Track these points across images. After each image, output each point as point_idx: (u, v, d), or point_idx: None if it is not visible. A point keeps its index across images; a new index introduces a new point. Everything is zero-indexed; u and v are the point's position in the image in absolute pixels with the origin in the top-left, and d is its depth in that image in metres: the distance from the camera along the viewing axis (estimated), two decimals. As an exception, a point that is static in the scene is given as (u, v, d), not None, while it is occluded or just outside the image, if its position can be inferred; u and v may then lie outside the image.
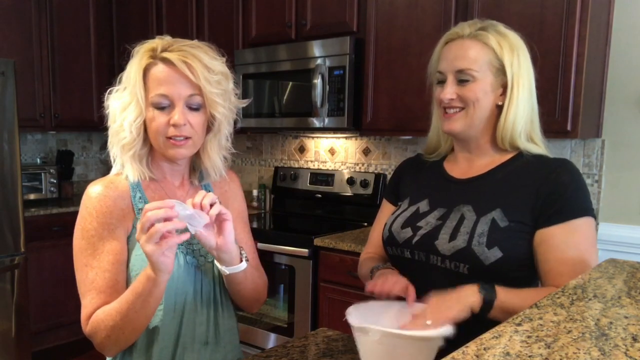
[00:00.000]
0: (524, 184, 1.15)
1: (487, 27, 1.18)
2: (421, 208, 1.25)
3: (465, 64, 1.15)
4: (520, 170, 1.18)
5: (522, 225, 1.12)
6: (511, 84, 1.16)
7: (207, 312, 1.19)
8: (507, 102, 1.17)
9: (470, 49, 1.16)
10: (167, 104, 1.09)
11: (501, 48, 1.16)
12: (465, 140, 1.24)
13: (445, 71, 1.19)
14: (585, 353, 0.62)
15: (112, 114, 1.14)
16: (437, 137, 1.31)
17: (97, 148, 4.33)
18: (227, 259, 1.11)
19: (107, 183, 1.16)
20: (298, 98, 2.88)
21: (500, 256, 1.10)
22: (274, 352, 1.21)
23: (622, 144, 2.33)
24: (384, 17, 2.60)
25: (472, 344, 0.65)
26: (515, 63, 1.16)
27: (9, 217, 2.98)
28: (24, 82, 3.40)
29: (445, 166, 1.30)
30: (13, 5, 3.42)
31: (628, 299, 0.82)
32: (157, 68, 1.09)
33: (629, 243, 2.31)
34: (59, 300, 3.43)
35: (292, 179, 3.32)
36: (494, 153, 1.23)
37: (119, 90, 1.14)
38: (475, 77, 1.16)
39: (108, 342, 1.09)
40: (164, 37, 1.14)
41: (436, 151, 1.33)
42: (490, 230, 1.12)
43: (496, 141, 1.21)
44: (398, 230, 1.24)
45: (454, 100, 1.17)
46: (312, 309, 2.62)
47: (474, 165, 1.25)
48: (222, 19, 3.26)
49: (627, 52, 2.29)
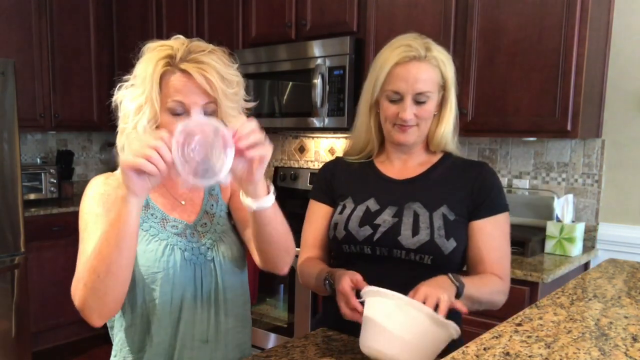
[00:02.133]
0: (460, 183, 1.31)
1: (430, 47, 1.28)
2: (371, 207, 1.33)
3: (425, 87, 1.26)
4: (451, 171, 1.34)
5: (463, 218, 1.29)
6: (449, 95, 1.30)
7: (207, 310, 1.19)
8: (447, 111, 1.31)
9: (427, 72, 1.26)
10: (183, 111, 1.10)
11: (445, 66, 1.28)
12: (408, 147, 1.35)
13: (403, 92, 1.26)
14: (585, 353, 0.62)
15: (124, 114, 1.12)
16: (367, 140, 1.40)
17: (97, 148, 4.33)
18: (251, 190, 1.04)
19: (107, 175, 1.19)
20: (298, 98, 2.88)
21: (455, 246, 1.26)
22: (274, 352, 1.21)
23: (622, 144, 2.33)
24: (384, 17, 2.60)
25: (472, 344, 0.65)
26: (451, 75, 1.30)
27: (9, 217, 2.98)
28: (24, 82, 3.40)
29: (378, 167, 1.40)
30: (13, 5, 3.42)
31: (628, 299, 0.82)
32: (174, 77, 1.09)
33: (629, 243, 2.31)
34: (59, 300, 3.43)
35: (292, 179, 3.32)
36: (425, 155, 1.38)
37: (132, 87, 1.12)
38: (430, 97, 1.27)
39: (87, 294, 1.02)
40: (179, 38, 1.13)
41: (362, 152, 1.42)
42: (445, 224, 1.26)
43: (428, 145, 1.36)
44: (356, 228, 1.31)
45: (412, 119, 1.28)
46: (312, 309, 2.62)
47: (407, 166, 1.37)
48: (222, 19, 3.26)
49: (627, 52, 2.29)
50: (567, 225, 2.23)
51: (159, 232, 1.16)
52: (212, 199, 1.26)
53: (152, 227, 1.16)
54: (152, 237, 1.15)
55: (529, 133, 2.27)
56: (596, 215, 2.39)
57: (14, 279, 3.01)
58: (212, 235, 1.22)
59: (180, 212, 1.21)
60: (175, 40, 1.13)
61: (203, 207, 1.24)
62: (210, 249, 1.20)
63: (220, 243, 1.22)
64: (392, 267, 1.28)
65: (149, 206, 1.18)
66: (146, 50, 1.13)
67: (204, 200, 1.25)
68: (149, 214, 1.17)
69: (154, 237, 1.15)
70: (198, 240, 1.19)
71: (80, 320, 1.12)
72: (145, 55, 1.13)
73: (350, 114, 2.68)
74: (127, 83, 1.13)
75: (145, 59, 1.12)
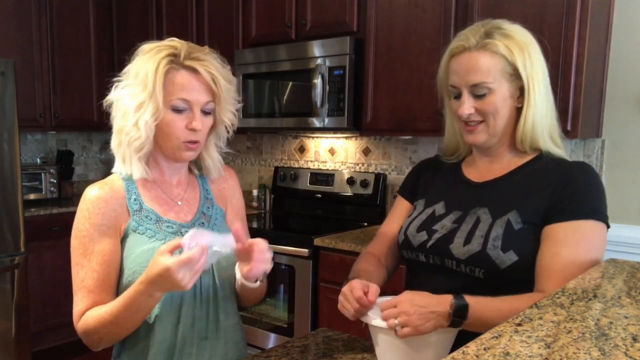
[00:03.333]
0: (542, 186, 1.13)
1: (491, 32, 1.13)
2: (437, 211, 1.24)
3: (479, 78, 1.12)
4: (539, 172, 1.16)
5: (535, 226, 1.10)
6: (527, 85, 1.13)
7: (207, 307, 1.20)
8: (526, 104, 1.14)
9: (480, 61, 1.12)
10: (186, 108, 1.13)
11: (511, 52, 1.11)
12: (486, 148, 1.22)
13: (458, 86, 1.16)
14: (585, 353, 0.62)
15: (124, 111, 1.13)
16: (455, 141, 1.29)
17: (97, 148, 4.33)
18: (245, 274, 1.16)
19: (101, 185, 1.18)
20: (298, 98, 2.88)
21: (516, 260, 1.08)
22: (274, 352, 1.21)
23: (622, 144, 2.33)
24: (384, 17, 2.60)
25: (472, 344, 0.65)
26: (528, 63, 1.13)
27: (9, 217, 2.98)
28: (24, 82, 3.40)
29: (464, 169, 1.29)
30: (13, 5, 3.41)
31: (628, 299, 0.82)
32: (179, 74, 1.12)
33: (629, 243, 2.31)
34: (59, 300, 3.43)
35: (292, 179, 3.32)
36: (513, 155, 1.21)
37: (129, 86, 1.13)
38: (492, 89, 1.12)
39: (100, 342, 1.15)
40: (174, 40, 1.17)
41: (455, 153, 1.32)
42: (505, 233, 1.10)
43: (515, 143, 1.19)
44: (414, 233, 1.23)
45: (473, 114, 1.15)
46: (312, 309, 2.62)
47: (492, 168, 1.23)
48: (222, 19, 3.26)
49: (627, 52, 2.29)
50: (567, 225, 2.23)
51: (156, 233, 1.17)
52: (207, 202, 1.28)
53: (148, 230, 1.17)
54: (149, 239, 1.16)
55: (529, 133, 2.27)
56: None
57: (14, 279, 3.01)
58: None
59: (176, 212, 1.22)
60: (173, 41, 1.16)
61: (200, 209, 1.26)
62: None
63: None
64: (445, 278, 1.16)
65: (142, 209, 1.18)
66: (141, 52, 1.15)
67: (200, 202, 1.27)
68: (143, 217, 1.17)
69: (150, 238, 1.16)
70: None
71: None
72: (143, 55, 1.14)
73: (350, 114, 2.68)
74: (122, 82, 1.14)
75: (144, 58, 1.13)
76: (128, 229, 1.16)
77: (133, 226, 1.16)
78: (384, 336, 1.02)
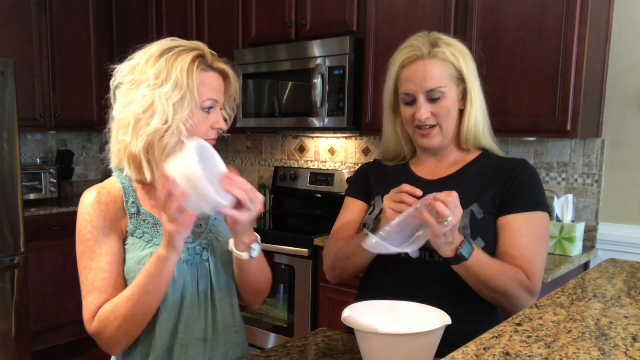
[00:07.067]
0: (493, 180, 1.27)
1: (437, 42, 1.26)
2: None
3: (434, 83, 1.24)
4: (487, 169, 1.30)
5: (493, 216, 1.24)
6: (469, 88, 1.27)
7: (205, 309, 1.20)
8: (469, 105, 1.28)
9: (434, 68, 1.24)
10: (213, 106, 1.16)
11: (457, 58, 1.26)
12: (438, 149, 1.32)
13: (414, 93, 1.26)
14: (585, 353, 0.62)
15: (162, 114, 1.08)
16: (398, 146, 1.40)
17: (97, 148, 4.33)
18: (236, 240, 1.14)
19: (99, 189, 1.17)
20: (298, 98, 2.88)
21: (484, 245, 1.21)
22: (274, 352, 1.21)
23: (622, 144, 2.33)
24: (384, 17, 2.60)
25: (472, 344, 0.65)
26: (470, 68, 1.27)
27: (9, 217, 2.98)
28: (24, 82, 3.40)
29: (413, 168, 1.38)
30: (13, 5, 3.42)
31: (628, 299, 0.82)
32: (209, 75, 1.15)
33: (629, 243, 2.31)
34: (59, 300, 3.43)
35: (292, 179, 3.32)
36: (458, 154, 1.34)
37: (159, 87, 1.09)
38: (445, 93, 1.25)
39: (119, 333, 1.09)
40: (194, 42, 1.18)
41: (397, 158, 1.42)
42: (472, 223, 1.22)
43: (460, 143, 1.32)
44: None
45: (430, 118, 1.26)
46: (312, 309, 2.62)
47: (441, 167, 1.34)
48: (222, 19, 3.26)
49: (627, 52, 2.29)
50: (567, 225, 2.23)
51: (154, 238, 1.16)
52: None
53: (145, 234, 1.16)
54: (146, 244, 1.15)
55: (529, 133, 2.27)
56: (596, 215, 2.39)
57: (14, 279, 3.01)
58: (207, 236, 1.23)
59: None
60: (192, 42, 1.17)
61: None
62: (206, 249, 1.21)
63: (215, 243, 1.23)
64: (419, 268, 1.25)
65: (139, 213, 1.17)
66: (159, 52, 1.11)
67: None
68: (140, 221, 1.17)
69: (148, 243, 1.16)
70: (193, 241, 1.20)
71: (80, 320, 1.13)
72: (168, 54, 1.11)
73: (350, 114, 2.68)
74: (148, 83, 1.10)
75: (170, 58, 1.10)
76: (127, 231, 1.16)
77: (131, 229, 1.16)
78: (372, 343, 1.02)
